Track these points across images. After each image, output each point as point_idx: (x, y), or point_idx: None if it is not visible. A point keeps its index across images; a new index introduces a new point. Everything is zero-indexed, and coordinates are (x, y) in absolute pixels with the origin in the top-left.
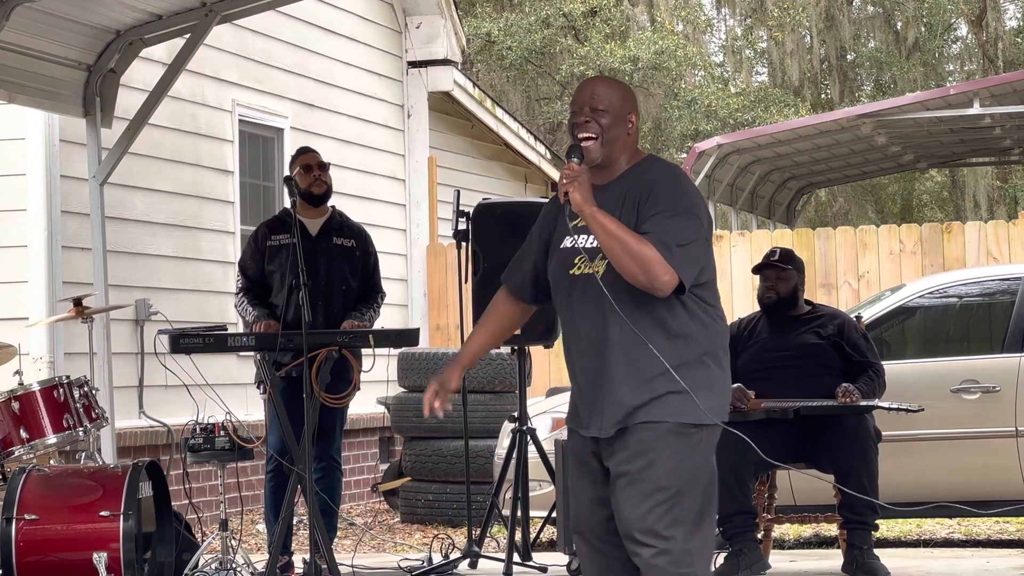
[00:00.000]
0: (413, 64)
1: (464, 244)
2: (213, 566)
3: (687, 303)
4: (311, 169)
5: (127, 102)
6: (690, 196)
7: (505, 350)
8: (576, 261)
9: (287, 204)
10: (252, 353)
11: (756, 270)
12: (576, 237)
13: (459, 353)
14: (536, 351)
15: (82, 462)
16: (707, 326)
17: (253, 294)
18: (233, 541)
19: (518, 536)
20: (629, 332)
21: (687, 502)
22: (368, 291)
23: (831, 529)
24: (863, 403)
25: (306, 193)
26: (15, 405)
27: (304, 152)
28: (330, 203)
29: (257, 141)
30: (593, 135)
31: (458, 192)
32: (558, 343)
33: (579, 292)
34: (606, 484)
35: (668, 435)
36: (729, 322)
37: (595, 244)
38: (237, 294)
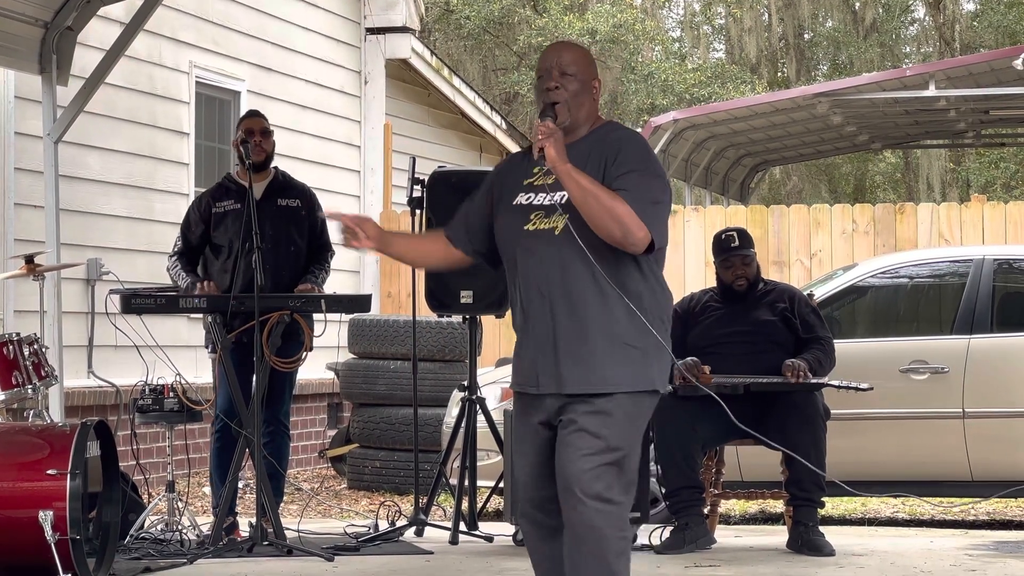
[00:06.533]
0: (371, 31)
1: (418, 212)
2: (159, 527)
3: (644, 267)
4: (252, 134)
5: (84, 60)
6: (655, 159)
7: (456, 319)
8: (532, 217)
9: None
10: (203, 315)
11: (723, 259)
12: (531, 194)
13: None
14: (487, 321)
15: (30, 420)
16: (656, 293)
17: (187, 259)
18: (179, 503)
19: (465, 505)
20: (591, 289)
21: (630, 464)
22: (318, 249)
23: (777, 506)
24: (813, 380)
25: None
26: None
27: (249, 116)
28: (274, 164)
29: (213, 103)
30: (560, 100)
31: (413, 159)
32: (509, 314)
33: (533, 247)
34: (551, 452)
35: (626, 396)
36: (681, 296)
37: (552, 202)
38: (172, 256)
